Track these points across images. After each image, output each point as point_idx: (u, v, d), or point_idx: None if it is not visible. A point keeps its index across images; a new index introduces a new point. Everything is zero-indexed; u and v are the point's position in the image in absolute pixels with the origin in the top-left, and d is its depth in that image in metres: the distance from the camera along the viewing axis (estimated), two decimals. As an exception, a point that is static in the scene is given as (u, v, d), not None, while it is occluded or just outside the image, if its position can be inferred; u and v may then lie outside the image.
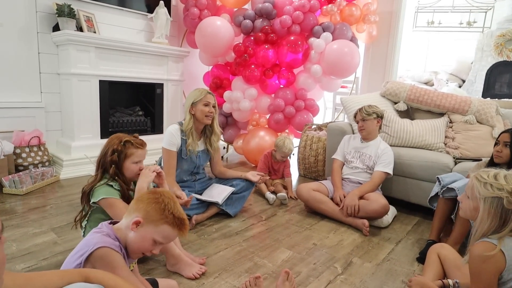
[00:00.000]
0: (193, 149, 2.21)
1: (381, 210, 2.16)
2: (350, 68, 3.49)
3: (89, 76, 3.24)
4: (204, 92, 2.19)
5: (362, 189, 2.28)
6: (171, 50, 3.89)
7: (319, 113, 4.00)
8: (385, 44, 3.87)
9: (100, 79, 3.33)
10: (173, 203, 1.15)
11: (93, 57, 3.24)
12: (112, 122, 3.58)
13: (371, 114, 2.38)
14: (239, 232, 2.11)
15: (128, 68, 3.56)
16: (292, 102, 3.61)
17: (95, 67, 3.26)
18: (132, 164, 1.59)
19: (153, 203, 1.13)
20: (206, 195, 2.30)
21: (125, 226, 1.15)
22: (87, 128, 3.31)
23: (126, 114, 3.80)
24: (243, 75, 3.61)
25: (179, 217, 1.13)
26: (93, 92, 3.30)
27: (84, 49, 3.16)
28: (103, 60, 3.34)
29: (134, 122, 3.79)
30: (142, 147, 1.62)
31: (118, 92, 3.78)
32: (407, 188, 2.50)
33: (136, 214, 1.13)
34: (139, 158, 1.60)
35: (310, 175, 3.44)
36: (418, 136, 2.66)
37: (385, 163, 2.35)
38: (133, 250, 1.14)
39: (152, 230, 1.12)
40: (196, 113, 2.18)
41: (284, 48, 3.45)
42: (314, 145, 3.33)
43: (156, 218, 1.12)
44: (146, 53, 3.67)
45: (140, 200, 1.15)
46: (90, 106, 3.29)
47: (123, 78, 3.52)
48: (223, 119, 4.03)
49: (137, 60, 3.62)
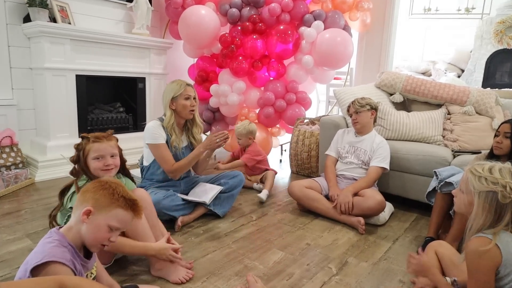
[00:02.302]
0: (178, 146, 2.20)
1: (377, 207, 2.17)
2: (343, 59, 3.50)
3: (65, 70, 3.20)
4: (184, 85, 2.18)
5: (357, 185, 2.29)
6: (153, 42, 3.86)
7: (312, 106, 4.00)
8: (380, 33, 3.89)
9: (77, 73, 3.29)
10: (121, 187, 1.17)
11: (69, 50, 3.19)
12: (91, 119, 3.54)
13: (364, 106, 2.39)
14: (228, 234, 2.11)
15: (107, 62, 3.53)
16: (282, 95, 3.61)
17: (70, 60, 3.22)
18: (92, 161, 1.57)
19: (100, 190, 1.14)
20: (192, 194, 2.29)
21: (76, 222, 1.15)
22: (64, 126, 3.27)
23: (105, 111, 3.76)
24: (230, 67, 3.60)
25: (130, 199, 1.16)
26: (70, 88, 3.26)
27: (59, 41, 3.12)
28: (80, 53, 3.30)
29: (115, 119, 3.76)
30: (99, 140, 1.59)
31: (97, 88, 3.73)
32: (404, 184, 2.52)
33: (84, 204, 1.13)
34: (98, 152, 1.57)
35: (303, 172, 3.45)
36: (415, 128, 2.68)
37: (381, 158, 2.36)
38: (90, 242, 1.15)
39: (105, 217, 1.13)
40: (177, 108, 2.17)
41: (273, 38, 3.45)
42: (306, 140, 3.34)
43: (106, 203, 1.13)
44: (126, 45, 3.64)
45: (86, 191, 1.16)
46: (66, 102, 3.25)
47: (101, 72, 3.48)
48: (210, 115, 4.02)
49: (116, 52, 3.59)
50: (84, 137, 1.60)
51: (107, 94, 3.94)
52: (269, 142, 3.78)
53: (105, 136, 1.61)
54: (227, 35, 3.60)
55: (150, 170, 2.24)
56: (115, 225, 1.14)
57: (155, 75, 3.99)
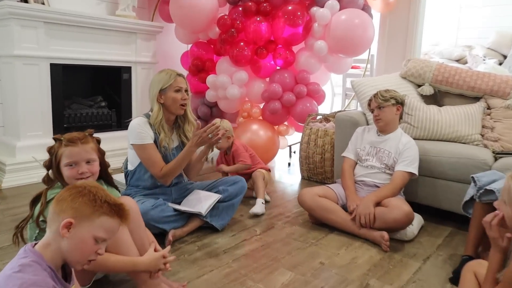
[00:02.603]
0: (168, 146, 2.19)
1: (404, 219, 2.15)
2: (362, 44, 3.48)
3: (38, 58, 3.20)
4: (174, 75, 2.18)
5: (379, 194, 2.27)
6: (140, 25, 3.85)
7: (326, 100, 3.98)
8: (406, 13, 3.85)
9: (52, 62, 3.29)
10: (102, 190, 1.16)
11: (42, 34, 3.19)
12: (68, 116, 3.55)
13: (388, 99, 2.37)
14: (228, 250, 2.09)
15: (87, 49, 3.53)
16: (291, 88, 3.59)
17: (44, 47, 3.22)
18: (65, 168, 1.55)
19: (79, 197, 1.12)
20: (185, 204, 2.28)
21: (53, 237, 1.12)
22: (36, 124, 3.27)
23: (85, 106, 3.77)
24: (230, 55, 3.58)
25: (114, 203, 1.15)
26: (43, 79, 3.26)
27: (31, 24, 3.11)
28: (55, 39, 3.29)
29: (96, 115, 3.77)
30: (73, 143, 1.55)
31: (75, 79, 3.73)
32: (436, 192, 2.50)
33: (62, 216, 1.11)
34: (71, 158, 1.54)
35: (315, 178, 3.42)
36: (448, 126, 2.66)
37: (408, 161, 2.34)
38: (76, 259, 1.13)
39: (89, 228, 1.12)
40: (166, 102, 2.16)
41: (280, 21, 3.43)
42: (319, 140, 3.31)
43: (88, 212, 1.12)
44: (109, 29, 3.64)
45: (61, 200, 1.13)
46: (39, 96, 3.25)
47: (80, 60, 3.48)
48: (206, 110, 4.00)
49: (97, 38, 3.58)
50: (57, 139, 1.58)
51: (87, 86, 3.93)
52: (276, 143, 3.76)
53: (80, 138, 1.58)
54: (226, 17, 3.58)
55: (135, 175, 2.23)
56: (101, 235, 1.13)
57: (142, 64, 3.98)
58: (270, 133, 3.69)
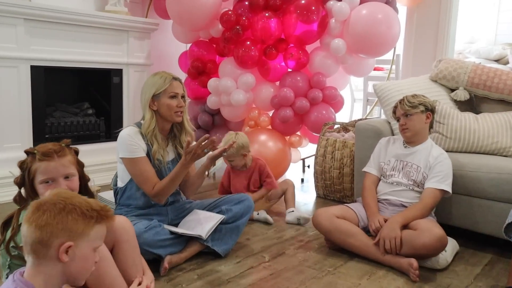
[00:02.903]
0: (163, 158, 2.21)
1: (435, 244, 2.13)
2: (386, 43, 3.49)
3: (17, 60, 3.24)
4: (169, 79, 2.20)
5: (407, 215, 2.26)
6: (133, 22, 3.90)
7: (344, 107, 3.98)
8: (437, 7, 3.87)
9: (32, 64, 3.33)
10: (78, 197, 1.22)
11: (22, 33, 3.24)
12: (50, 125, 3.58)
13: (416, 106, 2.37)
14: (232, 279, 2.09)
15: (72, 49, 3.57)
16: (305, 93, 3.60)
17: (24, 47, 3.27)
18: (40, 185, 1.56)
19: (66, 215, 1.16)
20: (184, 226, 2.29)
21: (45, 265, 1.16)
22: (14, 134, 3.30)
23: (70, 114, 3.80)
24: (235, 55, 3.61)
25: (99, 208, 1.21)
26: (23, 83, 3.30)
27: (9, 22, 3.17)
28: (37, 38, 3.34)
29: (82, 124, 3.79)
30: (48, 157, 1.55)
31: (58, 83, 3.77)
32: (473, 212, 2.48)
33: (54, 242, 1.14)
34: (47, 175, 1.55)
35: (333, 196, 3.42)
36: (487, 136, 2.65)
37: (440, 177, 2.33)
38: (81, 277, 1.23)
39: (87, 243, 1.19)
40: (161, 109, 2.19)
41: (292, 17, 3.45)
42: (337, 152, 3.31)
43: (82, 227, 1.17)
44: (98, 26, 3.68)
45: (45, 225, 1.14)
46: (18, 102, 3.29)
47: (65, 62, 3.53)
48: (207, 118, 4.02)
49: (84, 36, 3.63)
50: (29, 153, 1.58)
51: (72, 91, 3.97)
52: (287, 156, 3.76)
53: (56, 151, 1.58)
54: (230, 12, 3.60)
55: (126, 193, 2.24)
56: (98, 244, 1.23)
57: (135, 66, 4.02)
58: (280, 144, 3.69)
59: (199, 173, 2.30)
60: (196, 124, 4.08)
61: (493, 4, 7.26)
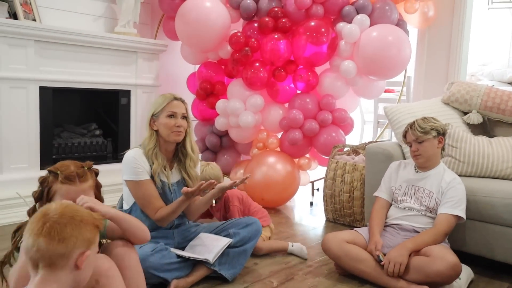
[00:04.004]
0: (167, 180, 2.22)
1: (449, 271, 2.10)
2: (397, 65, 3.49)
3: (26, 81, 3.28)
4: (169, 98, 2.23)
5: (418, 241, 2.23)
6: (142, 44, 3.94)
7: (354, 129, 3.97)
8: (448, 29, 3.88)
9: (41, 85, 3.37)
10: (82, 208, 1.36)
11: (32, 54, 3.29)
12: (58, 146, 3.60)
13: (428, 132, 2.33)
14: (239, 306, 2.06)
15: (81, 70, 3.61)
16: (314, 115, 3.60)
17: (34, 68, 3.31)
18: None
19: (84, 226, 1.26)
20: (191, 249, 2.28)
21: (62, 274, 1.23)
22: (22, 154, 3.32)
23: (77, 135, 3.82)
24: (243, 77, 3.64)
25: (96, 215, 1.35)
26: (31, 104, 3.33)
27: (19, 43, 3.22)
28: (46, 59, 3.39)
29: (89, 145, 3.81)
30: (70, 181, 1.61)
31: (67, 104, 3.81)
32: (487, 239, 2.45)
33: (76, 252, 1.23)
34: (65, 198, 1.57)
35: (342, 220, 3.39)
36: (501, 161, 2.63)
37: (453, 202, 2.30)
38: (85, 281, 1.32)
39: (95, 249, 1.32)
40: (160, 129, 2.21)
41: (301, 38, 3.48)
42: (347, 176, 3.30)
43: (94, 235, 1.30)
44: (107, 47, 3.73)
45: (70, 237, 1.22)
46: (26, 123, 3.32)
47: (73, 83, 3.56)
48: (215, 140, 4.02)
49: (93, 58, 3.67)
50: (52, 172, 1.63)
51: (80, 112, 4.01)
52: (296, 179, 3.75)
53: (79, 176, 1.63)
54: (239, 34, 3.65)
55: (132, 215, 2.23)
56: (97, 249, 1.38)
57: (143, 88, 4.05)
58: (289, 167, 3.68)
59: (204, 200, 2.29)
60: (203, 146, 4.09)
61: (507, 25, 7.27)
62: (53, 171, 1.63)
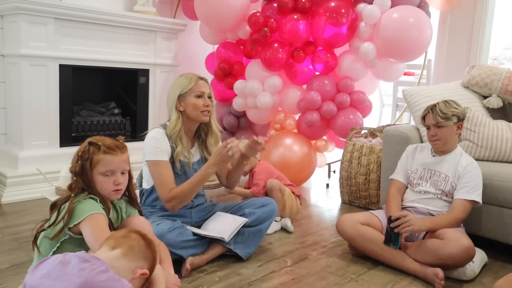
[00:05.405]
0: (187, 160, 2.24)
1: (462, 254, 2.11)
2: (417, 47, 3.47)
3: (46, 58, 3.32)
4: (195, 79, 2.24)
5: (437, 221, 2.24)
6: (161, 23, 3.95)
7: (373, 112, 3.97)
8: (471, 11, 3.82)
9: (61, 63, 3.40)
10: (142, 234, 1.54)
11: (52, 32, 3.32)
12: (77, 123, 3.65)
13: (449, 118, 2.30)
14: (254, 283, 2.10)
15: (100, 48, 3.64)
16: (332, 97, 3.60)
17: (54, 46, 3.35)
18: (99, 176, 1.67)
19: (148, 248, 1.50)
20: (207, 228, 2.31)
21: None
22: (42, 132, 3.38)
23: (96, 113, 3.87)
24: (262, 57, 3.64)
25: None
26: (51, 81, 3.37)
27: (40, 21, 3.25)
28: (66, 37, 3.42)
29: (108, 123, 3.85)
30: (112, 152, 1.68)
31: (86, 82, 3.85)
32: (503, 223, 2.45)
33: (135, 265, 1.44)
34: (108, 167, 1.66)
35: (358, 202, 3.42)
36: (520, 146, 2.62)
37: (470, 187, 2.30)
38: None
39: None
40: (187, 109, 2.22)
41: (321, 19, 3.46)
42: (364, 158, 3.31)
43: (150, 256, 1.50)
44: (126, 26, 3.75)
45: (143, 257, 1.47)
46: (46, 100, 3.37)
47: (92, 61, 3.60)
48: (233, 120, 4.05)
49: (112, 36, 3.70)
50: (93, 144, 1.69)
51: (99, 90, 4.05)
52: (312, 160, 3.77)
53: (119, 147, 1.72)
54: (258, 14, 3.64)
55: (152, 195, 2.29)
56: None
57: (162, 67, 4.08)
58: (306, 148, 3.70)
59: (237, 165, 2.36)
60: (221, 126, 4.11)
61: (532, 8, 7.11)
62: (94, 142, 1.69)
